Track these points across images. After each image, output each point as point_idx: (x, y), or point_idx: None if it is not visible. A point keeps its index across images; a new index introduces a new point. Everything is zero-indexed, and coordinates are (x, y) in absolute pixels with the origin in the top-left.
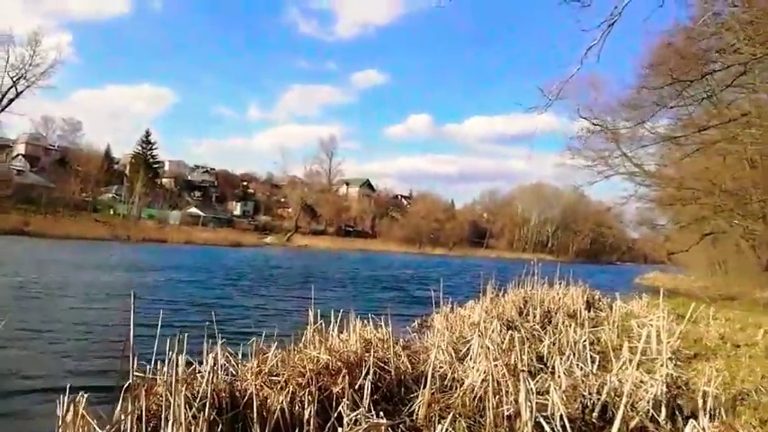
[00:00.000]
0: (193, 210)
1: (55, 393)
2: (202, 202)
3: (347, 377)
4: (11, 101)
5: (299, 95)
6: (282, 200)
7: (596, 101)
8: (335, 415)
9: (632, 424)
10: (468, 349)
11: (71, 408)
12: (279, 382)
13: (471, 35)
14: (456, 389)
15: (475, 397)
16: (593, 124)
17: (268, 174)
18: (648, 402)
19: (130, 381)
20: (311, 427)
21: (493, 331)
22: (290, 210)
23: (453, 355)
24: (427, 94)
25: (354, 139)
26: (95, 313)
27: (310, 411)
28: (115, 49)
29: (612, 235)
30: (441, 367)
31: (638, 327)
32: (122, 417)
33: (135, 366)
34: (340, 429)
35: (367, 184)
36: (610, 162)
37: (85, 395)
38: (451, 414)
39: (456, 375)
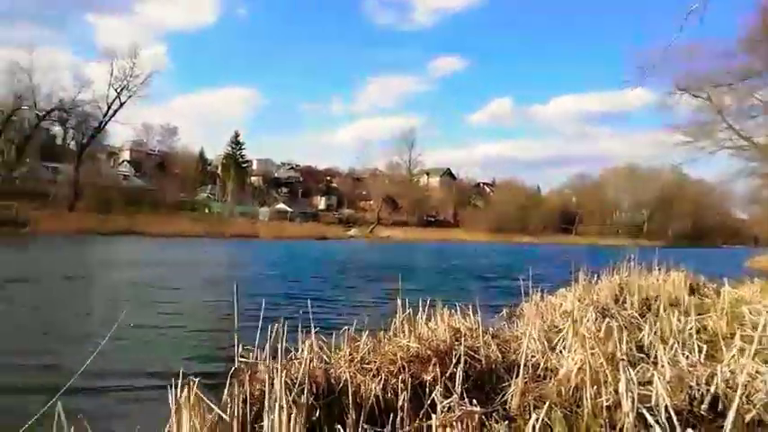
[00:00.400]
0: (281, 206)
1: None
2: (289, 197)
3: (438, 365)
4: (115, 111)
5: (379, 87)
6: (364, 193)
7: (696, 71)
8: (429, 402)
9: (748, 417)
10: (561, 338)
11: (185, 390)
12: (371, 369)
13: (555, 8)
14: (550, 378)
15: (571, 387)
16: (694, 96)
17: (350, 167)
18: (766, 395)
19: (236, 366)
20: (405, 413)
21: (588, 320)
22: (371, 202)
23: (546, 344)
24: (509, 76)
25: (434, 128)
26: (200, 305)
27: (404, 398)
28: (205, 56)
29: (717, 216)
30: (533, 356)
31: (751, 314)
32: (229, 399)
33: (240, 353)
34: (434, 416)
35: (448, 173)
36: (714, 137)
37: (197, 379)
38: (547, 404)
39: (549, 365)
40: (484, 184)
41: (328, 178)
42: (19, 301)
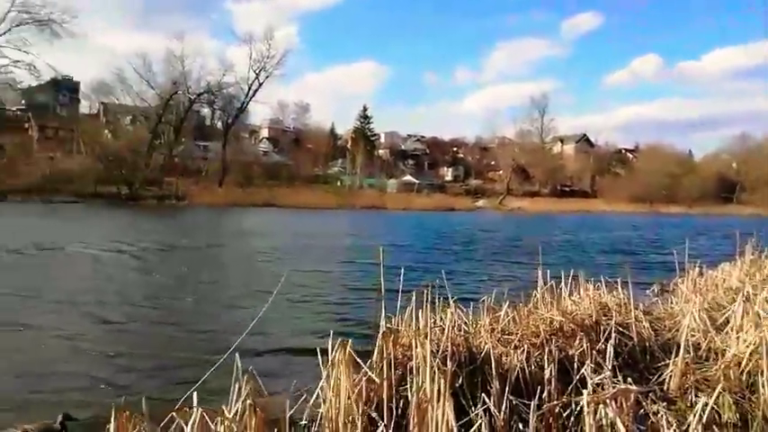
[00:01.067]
0: (408, 177)
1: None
2: (416, 169)
3: (584, 340)
4: (255, 91)
5: (507, 53)
6: (492, 163)
7: None
8: (577, 377)
9: None
10: (726, 317)
11: (340, 349)
12: (512, 341)
13: None
14: (714, 360)
15: (742, 371)
16: None
17: (477, 137)
18: None
19: (383, 330)
20: (552, 387)
21: (762, 297)
22: (500, 172)
23: (707, 323)
24: (652, 30)
25: (568, 92)
26: (340, 272)
27: (550, 372)
28: (333, 33)
29: None
30: (692, 335)
31: None
32: (376, 361)
33: (384, 317)
34: (584, 392)
35: (584, 140)
36: None
37: (350, 340)
38: (717, 388)
39: (713, 345)
40: (625, 150)
41: (455, 149)
42: (183, 265)
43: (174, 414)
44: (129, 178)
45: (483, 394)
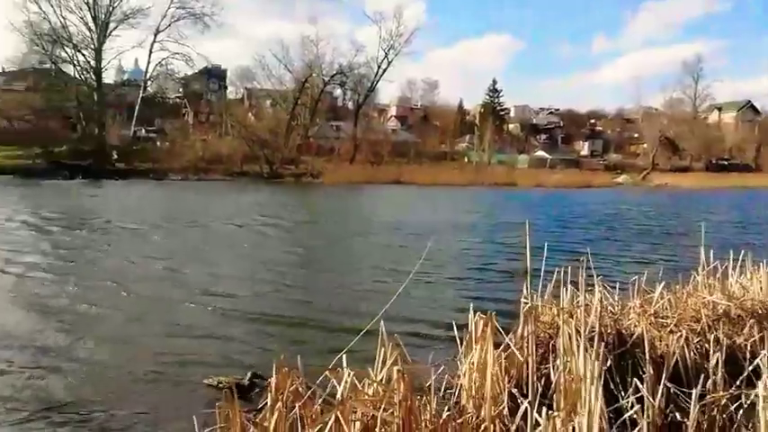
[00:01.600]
0: (540, 153)
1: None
2: (548, 144)
3: (755, 328)
4: (384, 70)
5: (652, 16)
6: (635, 135)
7: None
8: (750, 368)
9: None
10: None
11: (482, 322)
12: (667, 325)
13: None
14: None
15: None
16: None
17: (618, 109)
18: None
19: (527, 306)
20: (717, 377)
21: None
22: (644, 146)
23: None
24: None
25: (727, 54)
26: (476, 248)
27: (717, 360)
28: (461, 8)
29: None
30: None
31: None
32: (518, 338)
33: (528, 293)
34: (759, 385)
35: (748, 107)
36: None
37: (493, 312)
38: None
39: None
40: None
41: (592, 121)
42: (322, 238)
43: (327, 373)
44: (270, 158)
45: (635, 379)
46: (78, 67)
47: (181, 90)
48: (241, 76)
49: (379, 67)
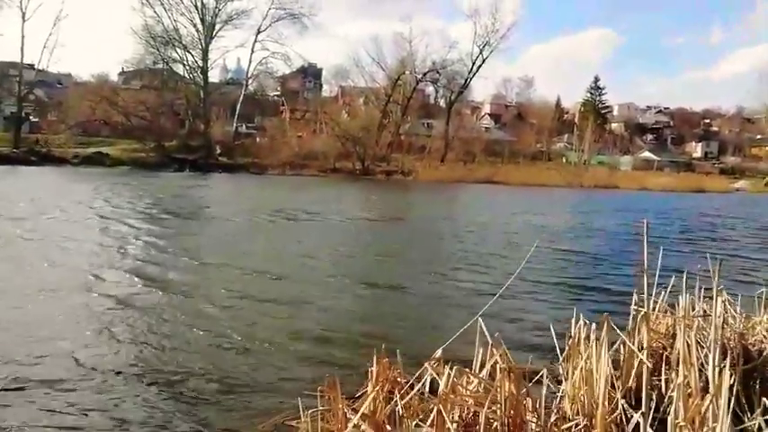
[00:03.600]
0: (646, 154)
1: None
2: (656, 145)
3: None
4: (479, 67)
5: None
6: (758, 137)
7: None
8: None
9: None
10: None
11: (589, 328)
12: None
13: None
14: None
15: None
16: None
17: (738, 107)
18: None
19: (639, 313)
20: None
21: None
22: None
23: None
24: None
25: None
26: (578, 250)
27: None
28: (559, 2)
29: None
30: None
31: None
32: (628, 346)
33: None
34: None
35: None
36: None
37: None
38: None
39: None
40: None
41: (707, 121)
42: (415, 234)
43: (427, 365)
44: (362, 155)
45: (764, 399)
46: (187, 67)
47: (279, 88)
48: (335, 75)
49: (473, 63)
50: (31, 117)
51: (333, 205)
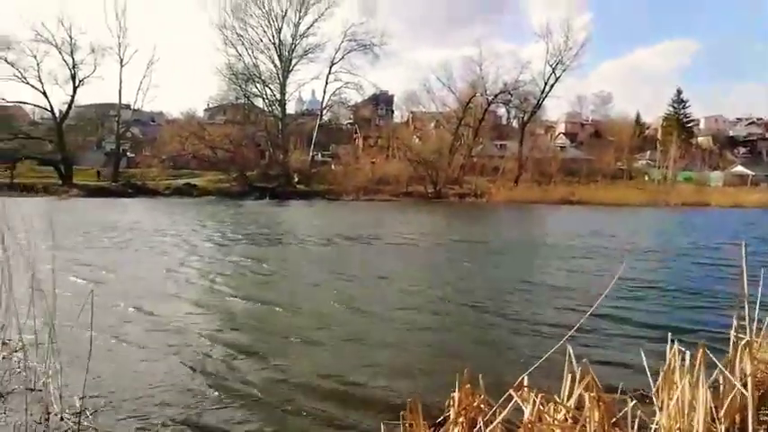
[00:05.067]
0: (739, 168)
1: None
2: (749, 158)
3: None
4: (552, 86)
5: None
6: None
7: None
8: None
9: None
10: None
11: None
12: None
13: None
14: None
15: None
16: None
17: None
18: None
19: (739, 340)
20: None
21: None
22: None
23: None
24: None
25: None
26: (670, 272)
27: None
28: (631, 14)
29: None
30: None
31: None
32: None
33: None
34: None
35: None
36: None
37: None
38: None
39: None
40: None
41: None
42: (492, 257)
43: (512, 393)
44: (434, 178)
45: None
46: (267, 101)
47: (351, 116)
48: (406, 100)
49: (545, 83)
50: (128, 153)
51: (407, 228)
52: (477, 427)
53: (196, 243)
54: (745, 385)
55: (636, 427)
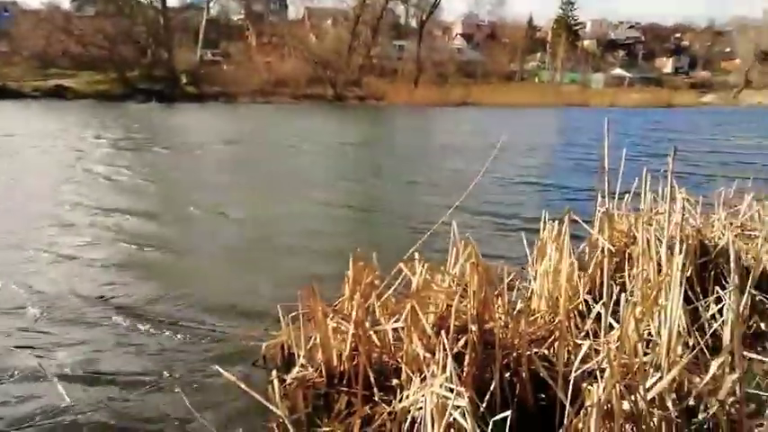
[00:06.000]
0: (617, 71)
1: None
2: (628, 61)
3: None
4: None
5: None
6: (728, 50)
7: None
8: None
9: None
10: None
11: (554, 226)
12: (755, 237)
13: None
14: None
15: None
16: None
17: (709, 20)
18: None
19: (604, 209)
20: None
21: None
22: (737, 61)
23: None
24: None
25: None
26: (552, 161)
27: None
28: None
29: None
30: None
31: None
32: (591, 244)
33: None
34: None
35: None
36: None
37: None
38: None
39: None
40: None
41: (678, 35)
42: (393, 156)
43: (401, 265)
44: (333, 80)
45: (717, 288)
46: None
47: (242, 11)
48: None
49: None
50: None
51: (305, 132)
52: (371, 300)
53: (80, 152)
54: (603, 251)
55: (515, 291)
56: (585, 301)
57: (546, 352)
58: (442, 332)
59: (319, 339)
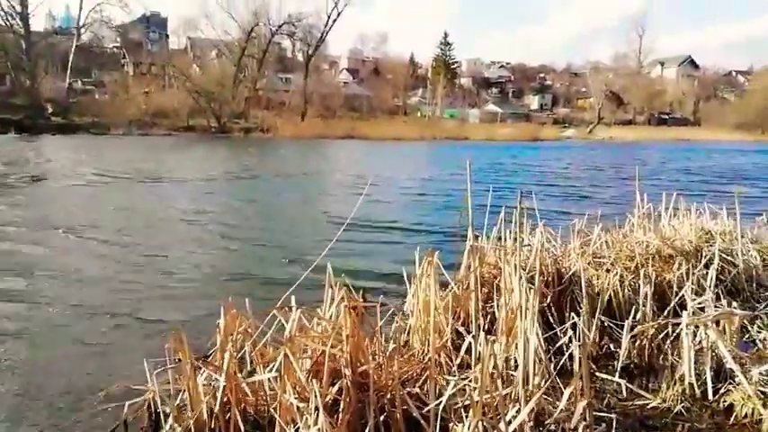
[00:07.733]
0: (491, 107)
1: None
2: (500, 98)
3: (683, 266)
4: (334, 21)
5: None
6: (583, 90)
7: None
8: (676, 300)
9: None
10: None
11: (426, 261)
12: (604, 263)
13: None
14: None
15: None
16: None
17: (568, 62)
18: None
19: (469, 247)
20: (647, 309)
21: None
22: (591, 100)
23: None
24: None
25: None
26: (429, 195)
27: (645, 294)
28: None
29: None
30: None
31: None
32: (462, 278)
33: (471, 236)
34: (684, 314)
35: (688, 62)
36: None
37: (435, 251)
38: None
39: None
40: (737, 72)
41: (542, 75)
42: (271, 192)
43: (275, 312)
44: (218, 112)
45: (572, 314)
46: (2, 12)
47: (118, 39)
48: (184, 25)
49: (328, 17)
50: None
51: (186, 164)
52: (245, 349)
53: None
54: (475, 283)
55: (393, 329)
56: (459, 331)
57: (418, 390)
58: (314, 380)
59: (188, 395)
